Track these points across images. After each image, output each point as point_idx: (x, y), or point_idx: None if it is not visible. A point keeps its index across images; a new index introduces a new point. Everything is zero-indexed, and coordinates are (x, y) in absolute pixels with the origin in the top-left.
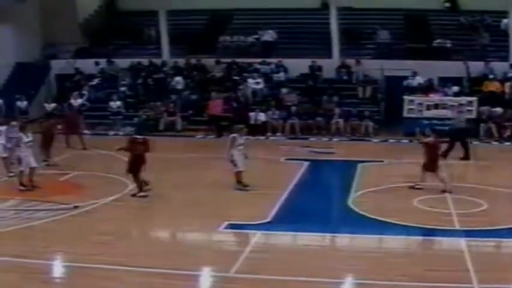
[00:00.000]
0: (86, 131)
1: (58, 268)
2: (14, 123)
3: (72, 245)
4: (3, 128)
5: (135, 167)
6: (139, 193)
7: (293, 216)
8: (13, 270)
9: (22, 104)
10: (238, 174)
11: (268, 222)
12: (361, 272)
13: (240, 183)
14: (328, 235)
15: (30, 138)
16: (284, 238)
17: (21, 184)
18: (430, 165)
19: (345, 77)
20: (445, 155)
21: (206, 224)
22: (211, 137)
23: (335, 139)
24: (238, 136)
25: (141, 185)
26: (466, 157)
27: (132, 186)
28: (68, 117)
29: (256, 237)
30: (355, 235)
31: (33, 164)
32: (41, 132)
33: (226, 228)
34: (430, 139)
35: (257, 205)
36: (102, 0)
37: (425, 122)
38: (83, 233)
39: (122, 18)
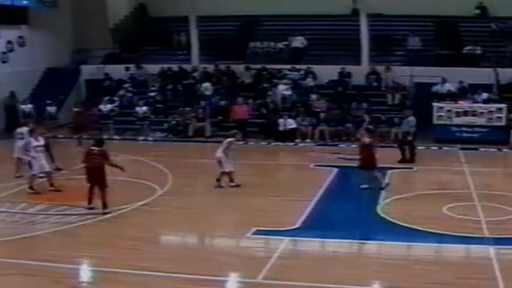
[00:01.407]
0: (115, 136)
1: (86, 273)
2: (30, 125)
3: (101, 249)
4: (25, 129)
5: (90, 180)
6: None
7: (322, 222)
8: (41, 275)
9: (52, 109)
10: (229, 174)
11: (296, 229)
12: (389, 279)
13: (232, 182)
14: (357, 242)
15: (40, 143)
16: (312, 244)
17: (30, 187)
18: (368, 163)
19: (374, 84)
20: (404, 160)
21: (234, 230)
22: (241, 142)
23: None
24: (234, 141)
25: (90, 200)
26: (410, 160)
27: (160, 191)
28: (78, 118)
29: (284, 243)
30: (384, 242)
31: (46, 168)
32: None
33: (254, 234)
34: (366, 139)
35: (286, 211)
36: (133, 5)
37: (455, 129)
38: (112, 238)
39: (153, 24)
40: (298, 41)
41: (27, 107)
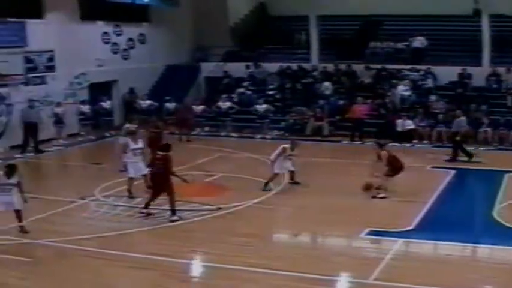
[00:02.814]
0: (233, 134)
1: (197, 268)
2: (126, 126)
3: (213, 245)
4: (133, 127)
5: (153, 185)
6: (143, 210)
7: (436, 224)
8: (152, 268)
9: (171, 105)
10: (273, 176)
11: (411, 230)
12: (501, 285)
13: (267, 185)
14: (471, 245)
15: (139, 145)
16: (426, 247)
17: (128, 191)
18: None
19: (495, 86)
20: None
21: (348, 230)
22: (358, 142)
23: (482, 148)
24: (288, 148)
25: (149, 203)
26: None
27: (275, 190)
28: (180, 114)
29: (398, 244)
30: (498, 246)
31: (143, 171)
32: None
33: (367, 234)
34: (384, 152)
35: (401, 213)
36: (253, 4)
37: None
38: (225, 235)
39: (272, 23)
40: (419, 42)
41: (145, 103)
